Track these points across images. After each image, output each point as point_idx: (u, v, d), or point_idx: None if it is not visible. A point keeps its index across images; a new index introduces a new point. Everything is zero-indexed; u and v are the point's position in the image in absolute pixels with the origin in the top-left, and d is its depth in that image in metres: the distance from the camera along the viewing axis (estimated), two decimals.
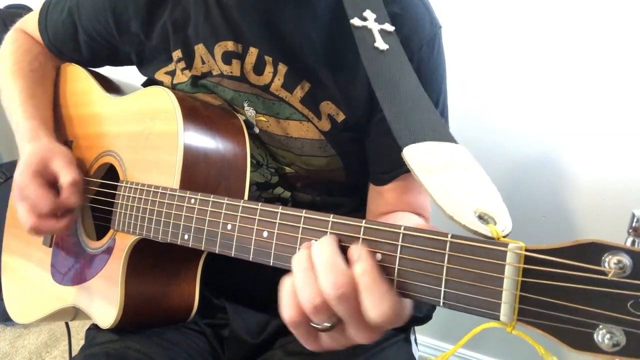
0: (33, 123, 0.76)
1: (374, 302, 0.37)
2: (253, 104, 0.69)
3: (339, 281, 0.37)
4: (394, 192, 0.68)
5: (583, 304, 0.30)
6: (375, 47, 0.56)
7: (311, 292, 0.38)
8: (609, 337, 0.30)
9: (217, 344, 0.74)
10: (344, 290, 0.37)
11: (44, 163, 0.70)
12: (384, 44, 0.56)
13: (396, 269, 0.37)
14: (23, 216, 0.69)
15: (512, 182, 1.20)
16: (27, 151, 0.71)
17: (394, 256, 0.38)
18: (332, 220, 0.42)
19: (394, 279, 0.38)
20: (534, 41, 1.10)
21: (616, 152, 1.08)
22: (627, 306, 0.29)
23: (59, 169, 0.69)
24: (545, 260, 0.32)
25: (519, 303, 0.32)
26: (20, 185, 0.69)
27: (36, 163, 0.69)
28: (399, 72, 0.54)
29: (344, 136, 0.68)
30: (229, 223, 0.50)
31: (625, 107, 1.05)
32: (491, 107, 1.18)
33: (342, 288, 0.37)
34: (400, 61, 0.56)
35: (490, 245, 0.34)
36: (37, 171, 0.69)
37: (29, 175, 0.68)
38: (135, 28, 0.71)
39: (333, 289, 0.37)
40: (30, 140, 0.73)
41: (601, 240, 0.30)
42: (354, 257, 0.38)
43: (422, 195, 0.69)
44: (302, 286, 0.39)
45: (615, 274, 0.30)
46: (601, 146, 1.09)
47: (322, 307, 0.38)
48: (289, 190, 0.74)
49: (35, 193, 0.67)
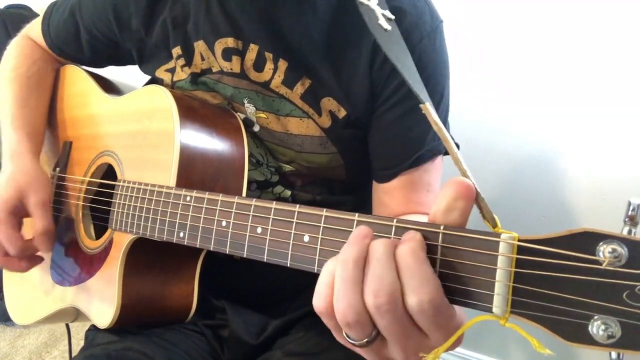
0: (19, 135, 0.77)
1: (412, 285, 0.33)
2: (253, 101, 0.69)
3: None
4: (401, 190, 0.66)
5: (577, 295, 0.30)
6: (379, 24, 0.55)
7: (347, 307, 0.34)
8: (603, 329, 0.29)
9: (216, 344, 0.73)
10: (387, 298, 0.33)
11: (20, 198, 0.71)
12: (387, 24, 0.55)
13: None
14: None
15: (512, 181, 1.19)
16: (6, 173, 0.72)
17: None
18: (325, 215, 0.41)
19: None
20: (534, 41, 1.09)
21: (616, 151, 1.07)
22: (622, 296, 0.29)
23: (34, 210, 0.70)
24: (539, 250, 0.31)
25: (512, 294, 0.32)
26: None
27: (13, 198, 0.70)
28: (403, 54, 0.53)
29: (345, 133, 0.68)
30: (224, 220, 0.50)
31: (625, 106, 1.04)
32: (491, 107, 1.17)
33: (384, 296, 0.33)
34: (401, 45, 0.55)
35: (482, 236, 0.33)
36: (11, 208, 0.70)
37: (3, 212, 0.69)
38: (136, 25, 0.71)
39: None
40: (12, 157, 0.74)
41: (595, 229, 0.30)
42: (403, 238, 0.35)
43: (431, 194, 0.67)
44: (339, 297, 0.35)
45: (609, 263, 0.29)
46: (601, 146, 1.08)
47: (356, 324, 0.34)
48: (289, 189, 0.74)
49: (6, 233, 0.68)
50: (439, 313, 0.33)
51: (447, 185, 0.35)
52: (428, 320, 0.33)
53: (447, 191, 0.34)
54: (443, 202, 0.35)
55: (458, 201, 0.34)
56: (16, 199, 0.70)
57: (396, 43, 0.54)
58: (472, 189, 0.34)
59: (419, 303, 0.33)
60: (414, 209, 0.66)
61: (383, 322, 0.34)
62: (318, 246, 0.41)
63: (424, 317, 0.33)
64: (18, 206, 0.70)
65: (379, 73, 0.63)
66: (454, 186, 0.34)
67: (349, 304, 0.34)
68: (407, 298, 0.33)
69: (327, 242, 0.41)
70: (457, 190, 0.34)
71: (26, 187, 0.71)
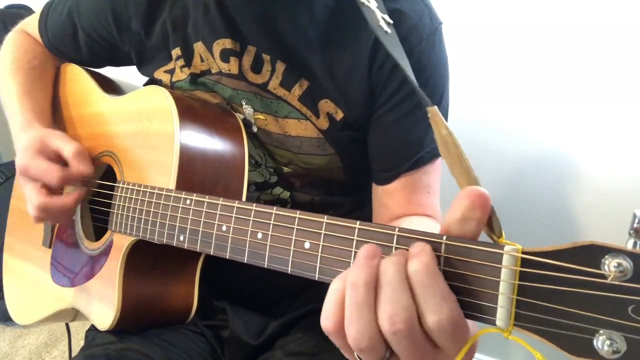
0: (29, 115, 0.76)
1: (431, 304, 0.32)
2: (251, 102, 0.68)
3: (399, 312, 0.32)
4: (400, 192, 0.66)
5: (582, 309, 0.29)
6: (380, 26, 0.54)
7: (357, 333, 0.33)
8: (609, 344, 0.28)
9: (217, 345, 0.73)
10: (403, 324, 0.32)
11: (43, 142, 0.69)
12: (387, 27, 0.55)
13: None
14: (32, 197, 0.67)
15: (512, 182, 1.19)
16: (23, 139, 0.71)
17: None
18: (326, 222, 0.41)
19: None
20: (534, 41, 1.09)
21: (616, 152, 1.07)
22: (628, 311, 0.28)
23: (59, 144, 0.68)
24: (543, 263, 0.31)
25: (516, 307, 0.31)
26: (23, 167, 0.68)
27: (35, 144, 0.68)
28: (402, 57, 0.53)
29: (343, 135, 0.67)
30: (224, 224, 0.49)
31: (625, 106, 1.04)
32: (491, 107, 1.17)
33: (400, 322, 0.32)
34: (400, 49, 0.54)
35: (486, 247, 0.32)
36: (38, 150, 0.68)
37: (31, 155, 0.67)
38: (135, 27, 0.71)
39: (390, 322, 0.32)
40: (24, 129, 0.73)
41: (601, 242, 0.29)
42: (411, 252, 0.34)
43: (431, 196, 0.67)
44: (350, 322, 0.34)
45: (615, 277, 0.28)
46: (601, 146, 1.08)
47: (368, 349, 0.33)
48: (288, 190, 0.74)
49: (41, 167, 0.66)
50: (458, 329, 0.32)
51: (463, 194, 0.33)
52: (447, 338, 0.32)
53: (462, 201, 0.33)
54: (458, 212, 0.33)
55: (474, 211, 0.32)
56: (39, 144, 0.68)
57: (396, 46, 0.54)
58: (488, 199, 0.32)
59: (438, 322, 0.32)
60: (414, 211, 0.66)
61: (399, 346, 0.33)
62: (319, 253, 0.41)
63: (443, 335, 0.32)
64: (43, 149, 0.68)
65: (378, 75, 0.63)
66: (470, 195, 0.32)
67: (362, 329, 0.33)
68: (425, 318, 0.32)
69: (328, 250, 0.40)
70: (473, 199, 0.32)
71: (47, 135, 0.70)
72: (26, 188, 0.68)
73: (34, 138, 0.69)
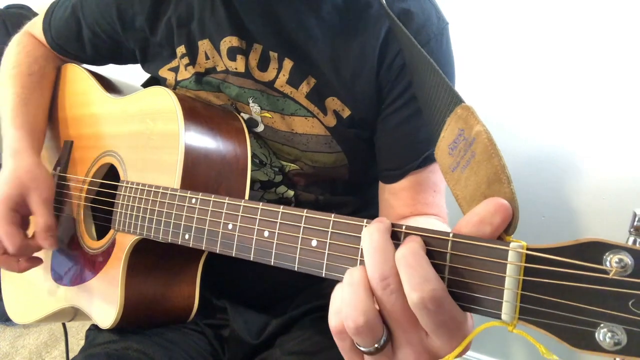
0: (20, 133, 0.76)
1: (416, 281, 0.33)
2: (258, 100, 0.69)
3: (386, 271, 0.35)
4: (408, 191, 0.67)
5: (584, 303, 0.31)
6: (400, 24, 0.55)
7: (354, 310, 0.35)
8: (610, 336, 0.30)
9: (217, 344, 0.74)
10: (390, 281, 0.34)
11: (22, 195, 0.70)
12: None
13: None
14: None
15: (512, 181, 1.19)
16: (9, 169, 0.71)
17: None
18: (333, 220, 0.42)
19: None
20: (535, 40, 1.10)
21: (616, 151, 1.07)
22: (628, 305, 0.29)
23: (36, 207, 0.70)
24: (547, 259, 0.32)
25: (521, 302, 0.32)
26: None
27: (15, 195, 0.69)
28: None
29: (350, 132, 0.68)
30: (230, 223, 0.50)
31: (625, 106, 1.05)
32: (491, 106, 1.18)
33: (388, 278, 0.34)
34: None
35: (491, 244, 0.34)
36: (13, 204, 0.69)
37: (3, 210, 0.68)
38: (140, 24, 0.71)
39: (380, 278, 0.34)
40: (13, 154, 0.73)
41: (602, 239, 0.30)
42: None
43: (437, 195, 0.67)
44: (347, 302, 0.35)
45: (616, 273, 0.30)
46: (601, 145, 1.09)
47: (364, 328, 0.35)
48: (292, 189, 0.74)
49: (5, 230, 0.68)
50: (442, 311, 0.33)
51: (488, 200, 0.34)
52: (430, 319, 0.33)
53: (487, 204, 0.34)
54: (479, 214, 0.34)
55: (495, 216, 0.34)
56: (18, 196, 0.70)
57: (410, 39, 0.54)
58: (511, 212, 0.34)
59: (420, 299, 0.33)
60: (421, 210, 0.66)
61: (389, 306, 0.34)
62: (326, 251, 0.42)
63: (426, 314, 0.33)
64: (20, 203, 0.70)
65: (386, 74, 0.64)
66: (496, 202, 0.34)
67: (356, 306, 0.35)
68: (409, 296, 0.33)
69: (335, 247, 0.41)
70: (496, 206, 0.34)
71: (29, 183, 0.70)
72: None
73: (17, 180, 0.70)
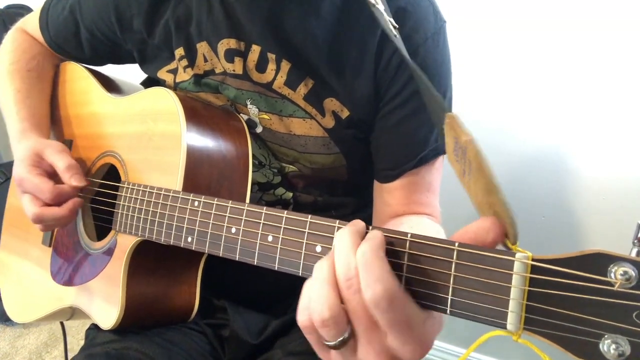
0: (25, 125, 0.76)
1: (370, 280, 0.34)
2: (256, 102, 0.68)
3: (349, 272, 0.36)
4: (403, 190, 0.67)
5: (589, 314, 0.31)
6: (390, 28, 0.55)
7: (320, 305, 0.36)
8: (614, 347, 0.30)
9: (217, 344, 0.74)
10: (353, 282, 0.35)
11: (37, 155, 0.70)
12: (394, 30, 0.56)
13: (403, 276, 0.37)
14: (27, 207, 0.68)
15: (512, 181, 1.19)
16: (19, 150, 0.72)
17: (402, 263, 0.38)
18: (337, 226, 0.42)
19: (401, 286, 0.37)
20: (535, 40, 1.10)
21: (616, 152, 1.08)
22: (632, 316, 0.30)
23: (53, 157, 0.69)
24: (552, 270, 0.32)
25: (526, 312, 0.33)
26: (18, 180, 0.69)
27: (30, 156, 0.70)
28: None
29: (348, 133, 0.68)
30: (233, 227, 0.50)
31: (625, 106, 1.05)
32: (491, 107, 1.18)
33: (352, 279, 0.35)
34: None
35: (497, 254, 0.34)
36: (32, 163, 0.69)
37: (25, 169, 0.69)
38: (137, 25, 0.71)
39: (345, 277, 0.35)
40: (20, 140, 0.74)
41: (607, 251, 0.31)
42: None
43: (431, 195, 0.68)
44: (316, 297, 0.36)
45: (621, 284, 0.30)
46: (601, 146, 1.09)
47: (330, 322, 0.36)
48: (290, 191, 0.74)
49: (33, 182, 0.67)
50: (393, 309, 0.34)
51: (486, 218, 0.36)
52: (383, 317, 0.34)
53: (484, 222, 0.36)
54: (474, 229, 0.36)
55: (489, 233, 0.35)
56: (35, 154, 0.70)
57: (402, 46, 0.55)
58: (503, 234, 0.35)
59: (372, 296, 0.34)
60: (415, 210, 0.67)
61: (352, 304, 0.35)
62: None
63: (379, 311, 0.34)
64: (38, 160, 0.70)
65: (384, 74, 0.64)
66: (492, 222, 0.36)
67: (322, 301, 0.36)
68: (364, 294, 0.34)
69: None
70: (492, 226, 0.35)
71: (42, 147, 0.71)
72: (23, 198, 0.69)
73: (29, 149, 0.70)
